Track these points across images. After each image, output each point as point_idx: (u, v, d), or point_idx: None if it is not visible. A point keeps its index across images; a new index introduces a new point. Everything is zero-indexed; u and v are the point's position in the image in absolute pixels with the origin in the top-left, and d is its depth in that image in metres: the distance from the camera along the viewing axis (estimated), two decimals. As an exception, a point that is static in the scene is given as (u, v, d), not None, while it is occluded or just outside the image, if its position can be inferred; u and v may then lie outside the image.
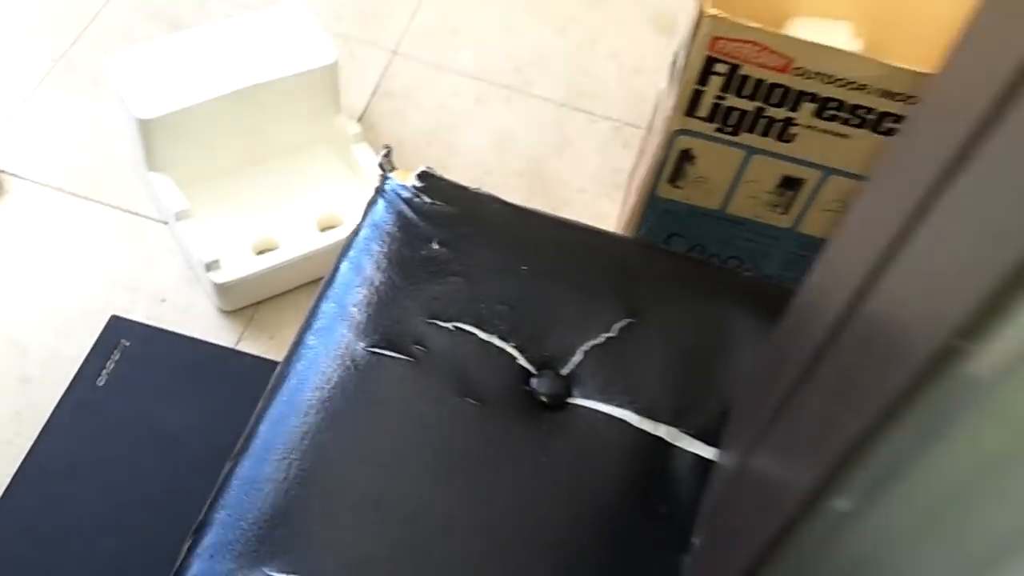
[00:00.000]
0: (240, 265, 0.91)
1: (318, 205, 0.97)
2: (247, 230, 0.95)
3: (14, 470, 0.80)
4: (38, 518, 0.78)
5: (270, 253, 0.92)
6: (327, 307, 0.53)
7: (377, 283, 0.54)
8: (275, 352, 0.91)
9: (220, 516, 0.46)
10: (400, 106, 1.12)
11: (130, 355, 0.87)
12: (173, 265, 0.96)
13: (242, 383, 0.77)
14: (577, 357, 0.53)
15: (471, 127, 1.12)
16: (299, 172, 0.99)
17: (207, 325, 0.93)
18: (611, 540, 0.48)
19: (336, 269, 0.55)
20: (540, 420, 0.51)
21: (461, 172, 0.68)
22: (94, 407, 0.84)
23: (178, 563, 0.46)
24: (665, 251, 0.70)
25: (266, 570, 0.44)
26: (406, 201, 0.58)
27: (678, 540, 0.46)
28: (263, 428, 0.49)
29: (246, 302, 0.94)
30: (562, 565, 0.46)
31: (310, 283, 0.94)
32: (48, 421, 0.82)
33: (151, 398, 0.85)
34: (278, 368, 0.52)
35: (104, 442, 0.82)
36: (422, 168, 0.60)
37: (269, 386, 0.52)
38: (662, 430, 0.51)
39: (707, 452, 0.50)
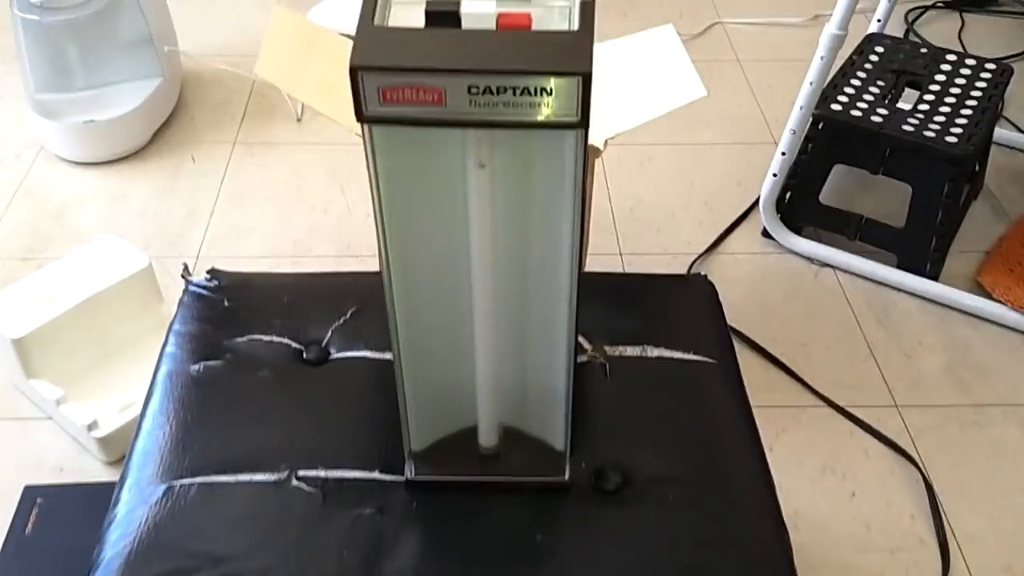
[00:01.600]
0: (112, 421, 1.19)
1: (164, 368, 1.28)
2: (112, 400, 1.24)
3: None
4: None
5: (131, 407, 1.21)
6: (168, 350, 0.85)
7: (194, 332, 0.87)
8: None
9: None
10: (211, 291, 1.45)
11: (45, 507, 1.12)
12: (62, 445, 1.23)
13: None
14: (329, 334, 0.87)
15: (269, 290, 1.47)
16: (142, 351, 1.30)
17: (99, 477, 1.20)
18: (364, 411, 0.80)
19: (168, 334, 0.88)
20: (314, 373, 0.84)
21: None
22: (26, 550, 1.08)
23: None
24: (377, 273, 1.06)
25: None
26: (203, 287, 0.91)
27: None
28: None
29: (123, 451, 1.21)
30: (338, 432, 0.78)
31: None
32: (-7, 568, 1.06)
33: (67, 531, 1.10)
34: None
35: (39, 570, 1.06)
36: (210, 267, 0.94)
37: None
38: (387, 355, 0.85)
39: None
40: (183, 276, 0.94)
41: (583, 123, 0.55)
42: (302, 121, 1.82)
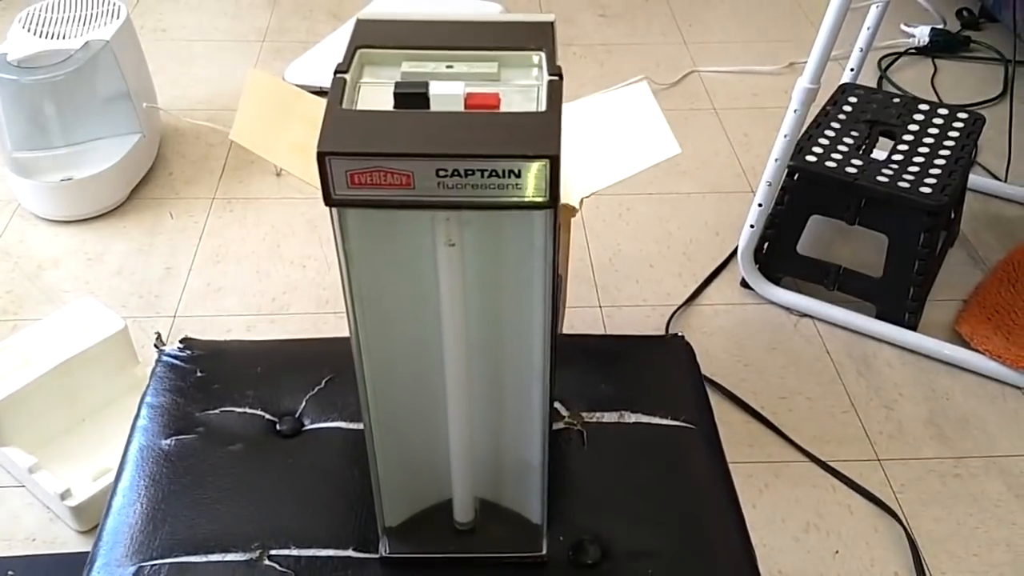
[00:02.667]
0: (86, 488, 1.17)
1: (139, 432, 1.26)
2: (86, 466, 1.22)
3: None
4: None
5: (106, 475, 1.19)
6: (140, 423, 0.84)
7: (167, 404, 0.86)
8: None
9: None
10: (188, 350, 1.44)
11: (16, 580, 1.10)
12: (35, 515, 1.21)
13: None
14: (303, 404, 0.86)
15: (247, 348, 1.46)
16: (117, 414, 1.29)
17: (73, 547, 1.17)
18: (337, 485, 0.78)
19: (140, 406, 0.86)
20: (287, 446, 0.83)
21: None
22: (-5, 626, 1.06)
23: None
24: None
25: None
26: (175, 357, 0.90)
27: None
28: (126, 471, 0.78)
29: (97, 519, 1.19)
30: (312, 508, 0.77)
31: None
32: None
33: (39, 605, 1.08)
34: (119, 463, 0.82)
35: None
36: (183, 336, 0.93)
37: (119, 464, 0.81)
38: (362, 425, 0.84)
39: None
40: (156, 346, 0.93)
41: (552, 203, 0.55)
42: (281, 175, 1.82)
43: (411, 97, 0.57)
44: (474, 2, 2.24)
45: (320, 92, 1.24)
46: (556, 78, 0.58)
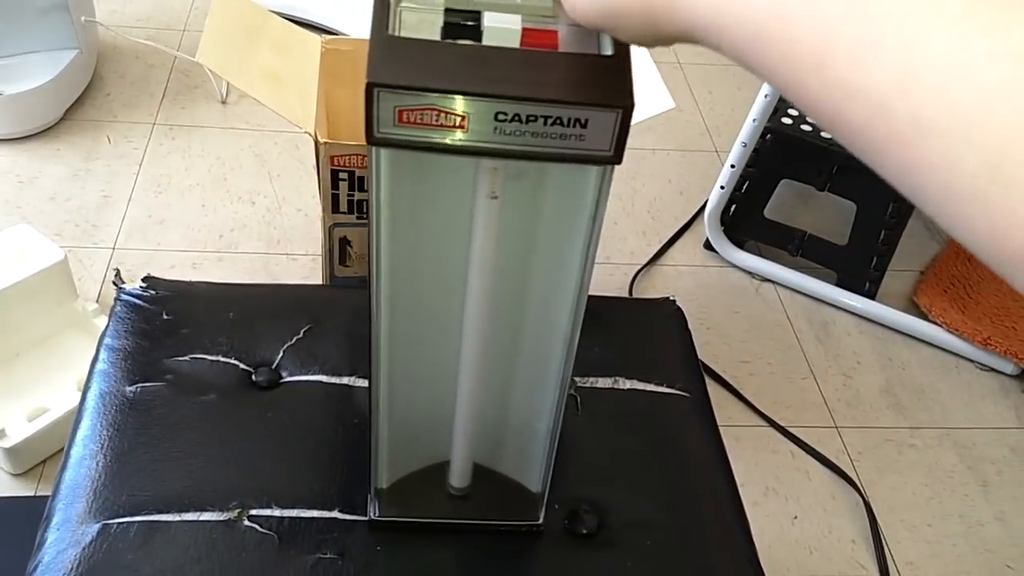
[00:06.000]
0: (21, 429, 1.10)
1: (75, 371, 1.18)
2: (22, 406, 1.14)
3: None
4: None
5: (43, 415, 1.12)
6: (100, 367, 0.77)
7: (130, 348, 0.79)
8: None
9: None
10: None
11: (-58, 526, 1.02)
12: (-39, 454, 1.13)
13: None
14: (280, 355, 0.80)
15: (193, 286, 1.38)
16: (55, 350, 1.20)
17: (6, 490, 1.10)
18: (320, 442, 0.74)
19: (99, 348, 0.79)
20: (264, 398, 0.77)
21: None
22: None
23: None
24: (330, 287, 1.00)
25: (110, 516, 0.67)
26: (138, 296, 0.83)
27: (365, 437, 0.72)
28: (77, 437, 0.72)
29: (33, 462, 1.12)
30: (293, 466, 0.72)
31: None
32: None
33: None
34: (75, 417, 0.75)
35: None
36: (145, 274, 0.86)
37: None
38: (345, 379, 0.79)
39: (376, 382, 0.78)
40: (115, 283, 0.86)
41: (616, 159, 0.50)
42: (227, 103, 1.72)
43: (462, 28, 0.52)
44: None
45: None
46: (616, 20, 0.53)
